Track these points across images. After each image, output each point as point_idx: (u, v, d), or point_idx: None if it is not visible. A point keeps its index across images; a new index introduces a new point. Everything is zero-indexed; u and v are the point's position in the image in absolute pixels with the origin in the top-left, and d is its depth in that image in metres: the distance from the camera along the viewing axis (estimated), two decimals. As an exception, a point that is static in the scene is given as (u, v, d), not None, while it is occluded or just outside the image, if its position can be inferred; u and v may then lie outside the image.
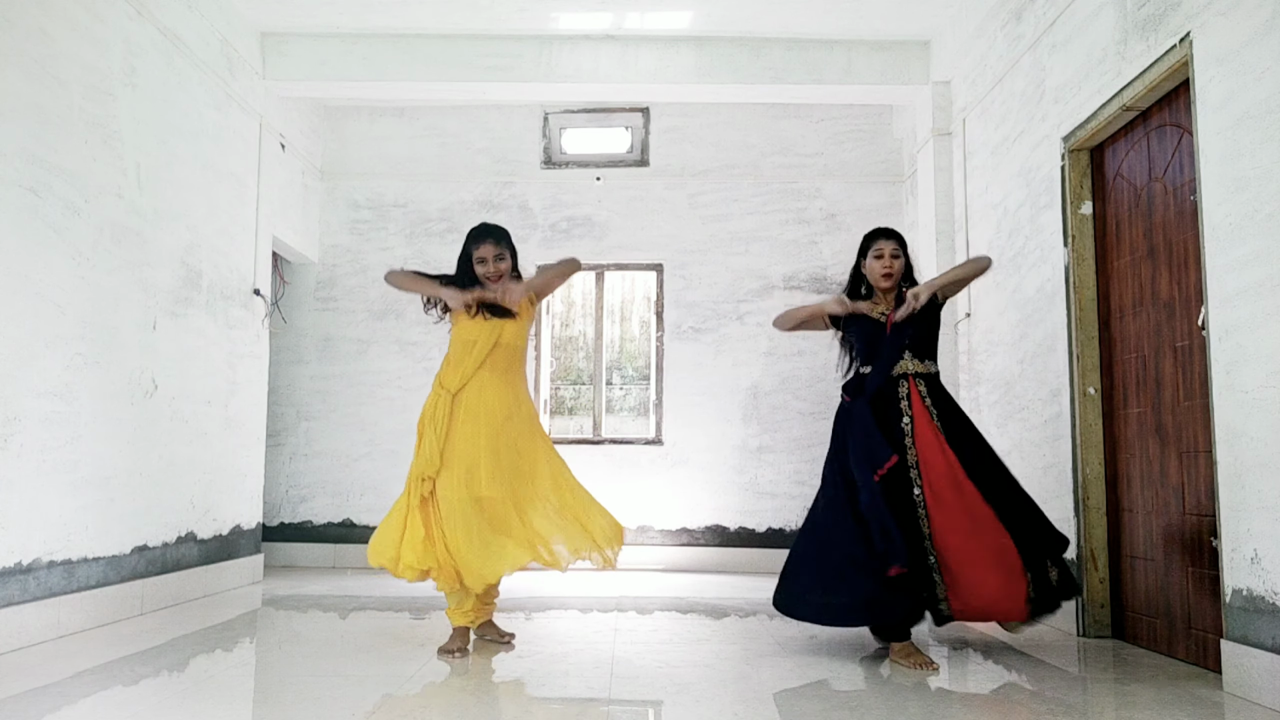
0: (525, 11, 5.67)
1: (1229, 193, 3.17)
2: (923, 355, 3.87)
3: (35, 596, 3.83)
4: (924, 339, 3.89)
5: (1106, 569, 4.14)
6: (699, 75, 6.00)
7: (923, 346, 3.89)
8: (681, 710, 2.90)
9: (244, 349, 5.76)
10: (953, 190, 5.84)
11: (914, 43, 6.00)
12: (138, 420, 4.58)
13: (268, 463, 6.81)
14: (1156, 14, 3.60)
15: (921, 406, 3.80)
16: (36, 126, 3.87)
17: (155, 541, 4.75)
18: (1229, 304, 3.16)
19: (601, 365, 7.30)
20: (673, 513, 6.97)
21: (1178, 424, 3.66)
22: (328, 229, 7.18)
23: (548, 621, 4.58)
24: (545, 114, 7.29)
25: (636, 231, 7.19)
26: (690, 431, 7.03)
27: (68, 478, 4.05)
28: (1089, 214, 4.31)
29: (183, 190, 5.04)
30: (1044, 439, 4.55)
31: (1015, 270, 4.91)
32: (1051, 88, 4.49)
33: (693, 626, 4.45)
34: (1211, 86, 3.26)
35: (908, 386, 3.83)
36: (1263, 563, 2.98)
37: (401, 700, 2.94)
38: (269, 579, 6.06)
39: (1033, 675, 3.39)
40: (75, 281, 4.11)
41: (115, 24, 4.43)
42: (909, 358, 3.87)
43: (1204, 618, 3.48)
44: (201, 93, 5.25)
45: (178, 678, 3.26)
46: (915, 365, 3.86)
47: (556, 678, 3.30)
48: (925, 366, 3.86)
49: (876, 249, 3.97)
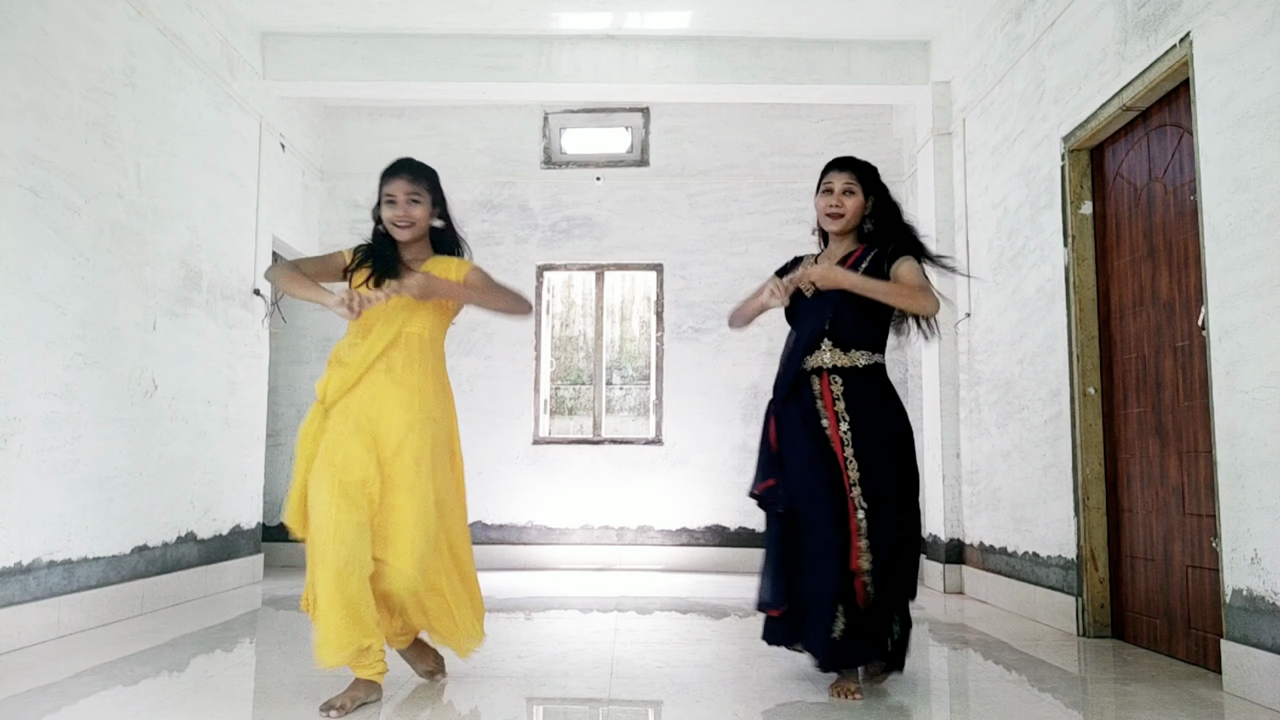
0: (525, 11, 5.66)
1: (1229, 193, 3.17)
2: (850, 343, 3.07)
3: (35, 596, 3.83)
4: (855, 320, 3.08)
5: (1106, 569, 4.14)
6: (699, 75, 6.00)
7: (853, 329, 3.08)
8: (681, 710, 2.90)
9: (244, 349, 5.76)
10: (953, 190, 5.84)
11: (914, 43, 6.00)
12: (138, 420, 4.58)
13: (268, 463, 6.81)
14: (1156, 14, 3.60)
15: (831, 410, 3.05)
16: (36, 126, 3.88)
17: (155, 541, 4.75)
18: (1229, 304, 3.16)
19: (601, 365, 7.30)
20: (673, 513, 6.97)
21: (1178, 424, 3.66)
22: (328, 229, 7.18)
23: (548, 621, 4.58)
24: (545, 114, 7.29)
25: (636, 231, 7.19)
26: (690, 431, 7.03)
27: (68, 478, 4.05)
28: (1089, 214, 4.31)
29: (183, 190, 5.04)
30: (1044, 439, 4.55)
31: (1015, 270, 4.91)
32: (1051, 88, 4.49)
33: (693, 626, 4.45)
34: (1211, 86, 3.26)
35: (819, 384, 3.08)
36: (1263, 563, 2.98)
37: (401, 700, 2.94)
38: (269, 579, 6.05)
39: (1033, 675, 3.39)
40: (75, 281, 4.11)
41: (115, 24, 4.43)
42: (827, 346, 3.08)
43: (1204, 618, 3.48)
44: (201, 93, 5.25)
45: (178, 678, 3.26)
46: (835, 357, 3.07)
47: (556, 678, 3.30)
48: (850, 358, 3.07)
49: (825, 183, 3.19)
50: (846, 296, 3.03)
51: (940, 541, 5.76)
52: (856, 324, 3.08)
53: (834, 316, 3.07)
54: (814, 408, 3.06)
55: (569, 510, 6.98)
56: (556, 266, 7.27)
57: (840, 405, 3.03)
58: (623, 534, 6.97)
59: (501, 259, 7.11)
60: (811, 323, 3.09)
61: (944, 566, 5.67)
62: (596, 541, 6.96)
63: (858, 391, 3.04)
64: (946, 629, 4.45)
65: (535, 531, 6.97)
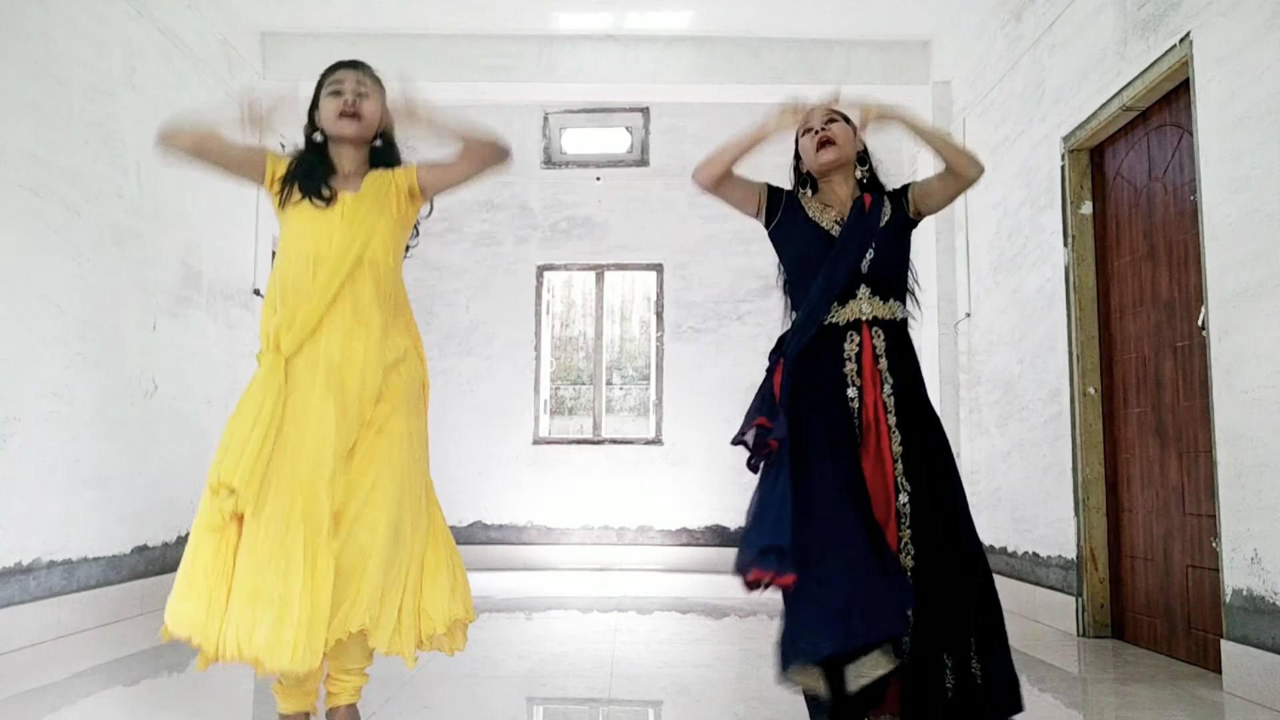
0: (525, 11, 5.66)
1: (1229, 193, 3.17)
2: (888, 291, 2.48)
3: (35, 596, 3.83)
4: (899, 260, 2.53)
5: (1106, 569, 4.14)
6: (699, 75, 6.00)
7: (889, 275, 2.49)
8: (681, 710, 2.90)
9: (244, 349, 5.76)
10: (953, 190, 5.83)
11: (914, 43, 6.00)
12: (138, 420, 4.58)
13: (268, 463, 6.80)
14: (1156, 14, 3.60)
15: (873, 369, 2.42)
16: (37, 126, 3.87)
17: (155, 541, 4.75)
18: (1229, 304, 3.16)
19: (601, 365, 7.30)
20: (673, 513, 6.97)
21: (1178, 424, 3.66)
22: (328, 229, 7.17)
23: (548, 621, 4.58)
24: (545, 114, 7.29)
25: (636, 231, 7.19)
26: (690, 431, 7.03)
27: (67, 478, 4.05)
28: (1089, 214, 4.31)
29: (183, 190, 5.04)
30: (1044, 439, 4.55)
31: (1015, 270, 4.91)
32: (1051, 88, 4.49)
33: (693, 626, 4.45)
34: (1211, 86, 3.26)
35: (859, 339, 2.43)
36: (1263, 563, 2.98)
37: (401, 700, 2.94)
38: (269, 579, 6.04)
39: (1033, 675, 3.39)
40: (75, 281, 4.11)
41: (116, 24, 4.43)
42: (865, 294, 2.45)
43: (1204, 618, 3.48)
44: (201, 93, 5.25)
45: (178, 678, 3.26)
46: (876, 306, 2.46)
47: (556, 678, 3.30)
48: (890, 309, 2.46)
49: (804, 124, 2.73)
50: (887, 232, 2.51)
51: (940, 541, 5.75)
52: (898, 265, 2.51)
53: (875, 256, 2.47)
54: (840, 374, 2.42)
55: (569, 510, 6.98)
56: (556, 266, 7.27)
57: (884, 363, 2.42)
58: (623, 534, 6.97)
59: (501, 259, 7.12)
60: (849, 260, 2.46)
61: (944, 566, 5.67)
62: (596, 541, 6.96)
63: (900, 349, 2.46)
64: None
65: (535, 531, 6.97)
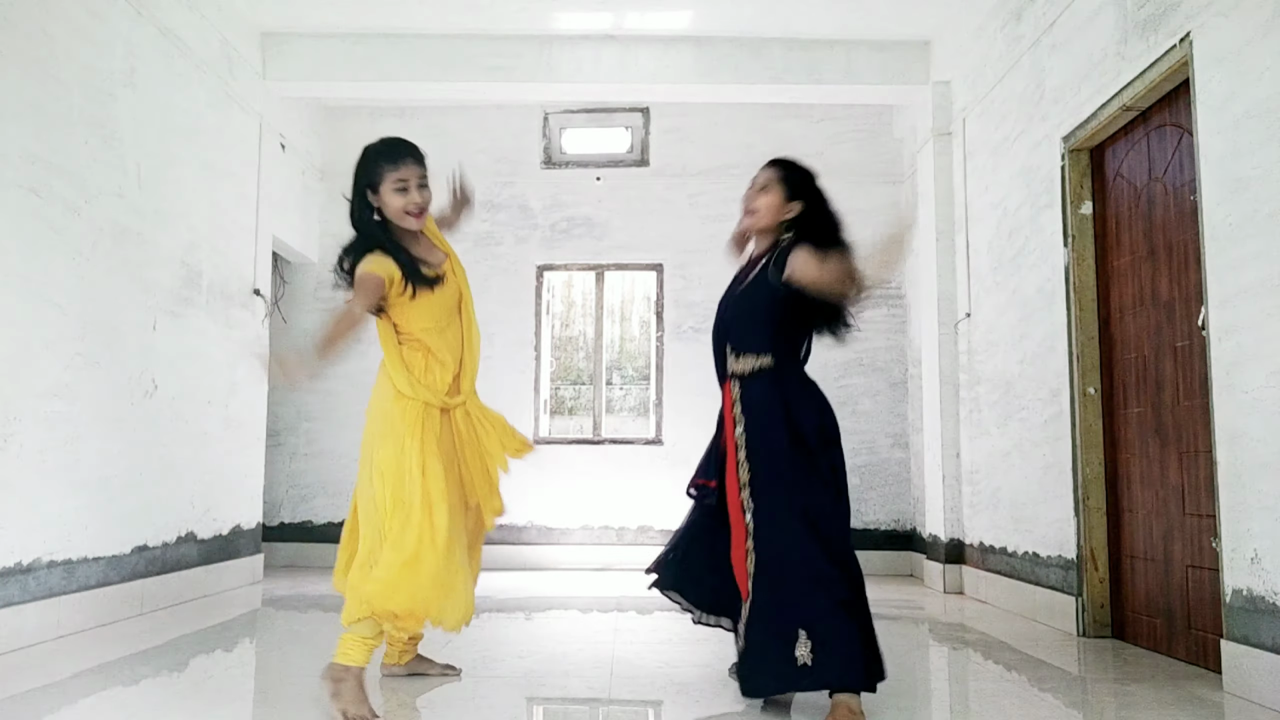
0: (525, 11, 5.67)
1: (1229, 193, 3.17)
2: (742, 346, 2.85)
3: (35, 596, 3.83)
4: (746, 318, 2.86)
5: (1106, 569, 4.14)
6: (699, 75, 6.00)
7: (740, 336, 2.86)
8: (681, 710, 2.90)
9: (244, 349, 5.76)
10: (953, 190, 5.84)
11: (914, 43, 6.00)
12: (138, 420, 4.58)
13: (268, 463, 6.81)
14: (1156, 14, 3.60)
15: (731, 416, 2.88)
16: (36, 126, 3.87)
17: (155, 541, 4.75)
18: (1229, 304, 3.16)
19: (601, 365, 7.30)
20: (673, 513, 6.93)
21: (1178, 424, 3.66)
22: (328, 229, 7.17)
23: (548, 621, 4.58)
24: (545, 114, 7.29)
25: (636, 231, 7.19)
26: (690, 431, 7.02)
27: (67, 478, 4.05)
28: (1089, 214, 4.31)
29: (183, 190, 5.04)
30: (1044, 439, 4.55)
31: (1015, 270, 4.91)
32: (1051, 88, 4.49)
33: (692, 626, 4.44)
34: (1211, 86, 3.26)
35: (723, 394, 2.96)
36: (1263, 563, 2.98)
37: (401, 700, 2.94)
38: (269, 579, 6.05)
39: (1033, 675, 3.39)
40: (75, 281, 4.11)
41: (116, 25, 4.43)
42: (729, 351, 2.89)
43: (1204, 618, 3.48)
44: (201, 93, 5.25)
45: (178, 678, 3.26)
46: (733, 363, 2.88)
47: (556, 678, 3.30)
48: (743, 365, 2.84)
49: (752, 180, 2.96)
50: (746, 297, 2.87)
51: (940, 541, 5.76)
52: (752, 325, 2.85)
53: (728, 321, 2.94)
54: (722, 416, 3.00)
55: (569, 510, 6.98)
56: (556, 266, 7.27)
57: (738, 409, 2.85)
58: (623, 534, 6.97)
59: (501, 259, 7.12)
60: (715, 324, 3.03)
61: (944, 566, 5.67)
62: (596, 541, 6.96)
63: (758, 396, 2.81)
64: (946, 629, 4.45)
65: (535, 531, 6.97)
